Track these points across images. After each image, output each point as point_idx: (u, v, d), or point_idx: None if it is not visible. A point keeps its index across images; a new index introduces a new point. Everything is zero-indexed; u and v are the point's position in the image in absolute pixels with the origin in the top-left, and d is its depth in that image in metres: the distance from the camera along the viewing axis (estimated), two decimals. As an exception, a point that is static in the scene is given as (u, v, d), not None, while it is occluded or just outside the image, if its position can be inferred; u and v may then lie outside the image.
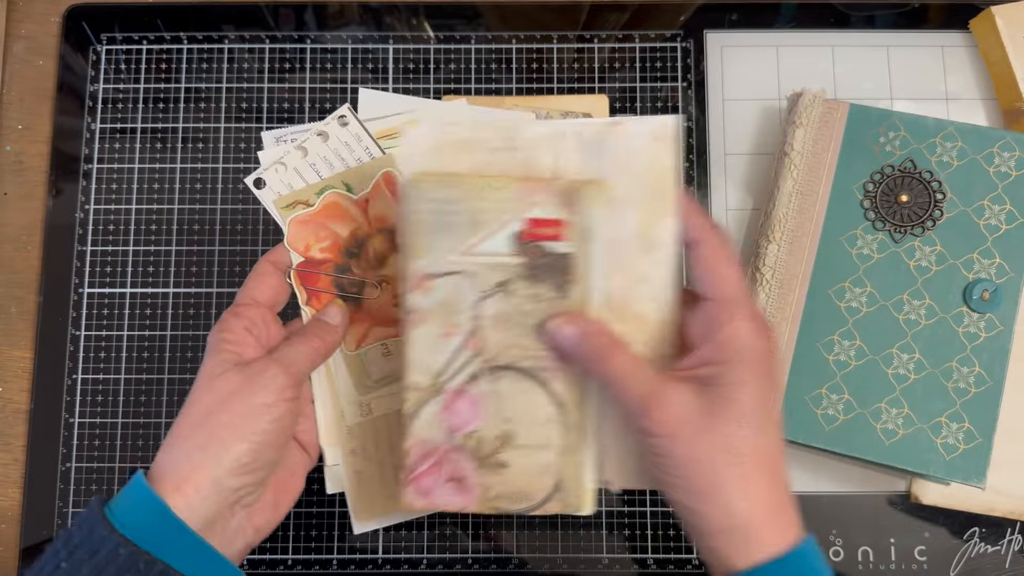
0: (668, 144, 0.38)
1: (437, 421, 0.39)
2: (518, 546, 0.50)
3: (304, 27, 0.56)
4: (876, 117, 0.50)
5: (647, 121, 0.38)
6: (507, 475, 0.39)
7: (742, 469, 0.34)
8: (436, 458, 0.39)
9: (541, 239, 0.38)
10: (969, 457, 0.47)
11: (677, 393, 0.35)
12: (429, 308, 0.39)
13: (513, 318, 0.38)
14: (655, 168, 0.38)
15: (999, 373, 0.48)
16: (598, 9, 0.56)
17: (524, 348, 0.38)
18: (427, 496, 0.39)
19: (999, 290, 0.48)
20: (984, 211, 0.49)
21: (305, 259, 0.43)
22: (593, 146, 0.38)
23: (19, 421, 0.52)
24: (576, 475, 0.39)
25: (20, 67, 0.56)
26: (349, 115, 0.43)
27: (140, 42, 0.56)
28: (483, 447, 0.39)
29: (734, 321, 0.35)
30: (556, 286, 0.38)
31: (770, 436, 0.35)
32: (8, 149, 0.55)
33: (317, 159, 0.43)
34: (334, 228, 0.43)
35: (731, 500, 0.34)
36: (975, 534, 0.50)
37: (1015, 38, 0.52)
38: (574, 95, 0.54)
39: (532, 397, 0.39)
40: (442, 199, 0.38)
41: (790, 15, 0.56)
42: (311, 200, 0.43)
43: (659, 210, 0.38)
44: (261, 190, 0.44)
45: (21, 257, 0.54)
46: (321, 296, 0.43)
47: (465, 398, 0.39)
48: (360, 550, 0.50)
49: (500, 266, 0.38)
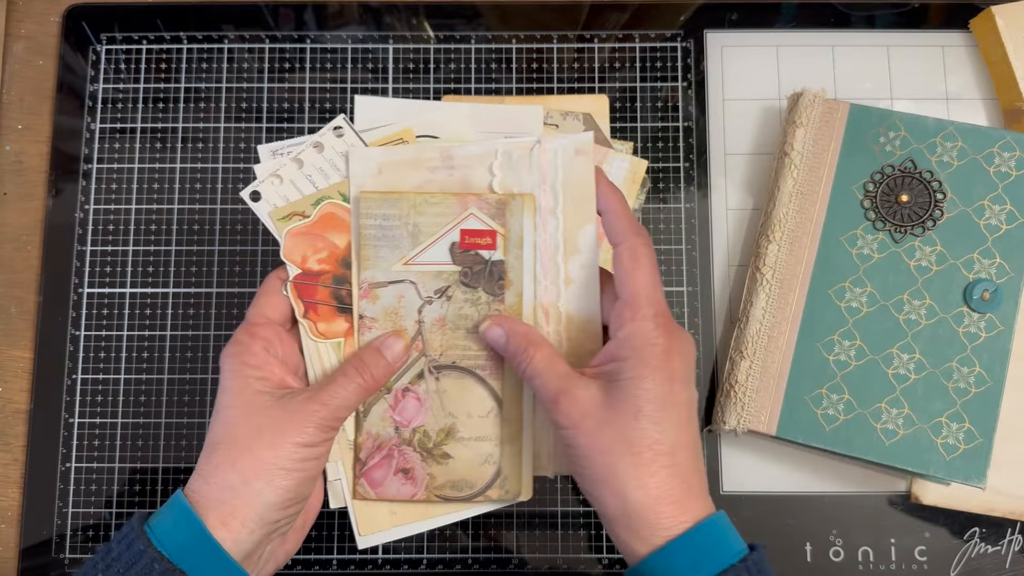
0: (588, 158, 0.42)
1: (387, 418, 0.43)
2: (518, 546, 0.50)
3: (304, 27, 0.56)
4: (876, 117, 0.50)
5: (568, 138, 0.42)
6: (451, 465, 0.43)
7: (637, 459, 0.35)
8: (386, 452, 0.42)
9: (476, 248, 0.42)
10: (969, 457, 0.47)
11: (583, 388, 0.37)
12: (376, 314, 0.42)
13: (453, 321, 0.42)
14: (577, 180, 0.42)
15: (999, 373, 0.48)
16: (598, 9, 0.56)
17: (464, 348, 0.42)
18: (378, 487, 0.42)
19: (999, 290, 0.48)
20: (984, 211, 0.49)
21: (302, 271, 0.43)
22: (522, 162, 0.42)
23: (19, 421, 0.52)
24: (515, 463, 0.43)
25: (20, 67, 0.56)
26: (345, 125, 0.44)
27: (140, 42, 0.56)
28: (428, 440, 0.43)
29: (635, 320, 0.37)
30: (491, 291, 0.42)
31: (671, 429, 0.36)
32: (8, 149, 0.55)
33: (313, 170, 0.43)
34: (331, 239, 0.43)
35: (625, 488, 0.35)
36: (975, 534, 0.50)
37: (1015, 38, 0.52)
38: (574, 95, 0.54)
39: (473, 393, 0.42)
40: (385, 215, 0.42)
41: (790, 15, 0.56)
42: (307, 211, 0.43)
43: (582, 218, 0.42)
44: (257, 203, 0.44)
45: (21, 257, 0.54)
46: (319, 308, 0.43)
47: (411, 396, 0.43)
48: (360, 550, 0.50)
49: (440, 274, 0.42)
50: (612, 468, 0.36)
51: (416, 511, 0.43)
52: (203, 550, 0.36)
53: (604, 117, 0.53)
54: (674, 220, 0.53)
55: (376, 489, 0.43)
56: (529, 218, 0.42)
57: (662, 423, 0.36)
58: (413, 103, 0.47)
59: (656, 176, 0.54)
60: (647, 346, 0.37)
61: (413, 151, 0.43)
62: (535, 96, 0.54)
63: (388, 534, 0.43)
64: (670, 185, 0.54)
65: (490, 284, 0.42)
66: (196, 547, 0.36)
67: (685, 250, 0.53)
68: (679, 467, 0.36)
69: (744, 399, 0.48)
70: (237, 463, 0.37)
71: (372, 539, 0.43)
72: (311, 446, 0.38)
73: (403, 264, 0.42)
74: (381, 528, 0.43)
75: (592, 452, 0.36)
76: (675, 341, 0.37)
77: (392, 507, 0.43)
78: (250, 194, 0.44)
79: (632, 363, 0.37)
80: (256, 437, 0.38)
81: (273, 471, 0.37)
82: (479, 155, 0.43)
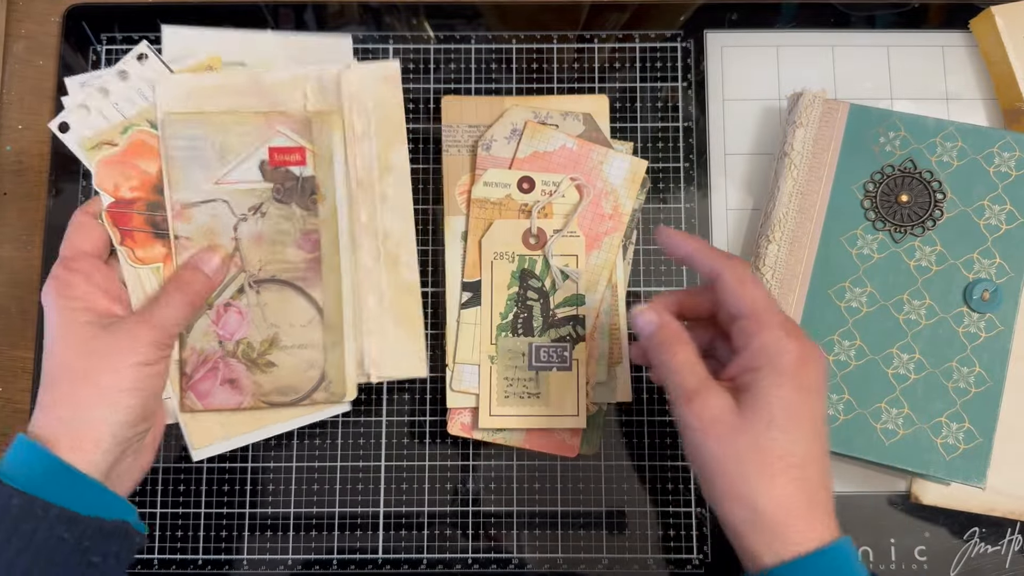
0: (395, 84, 0.46)
1: (210, 332, 0.45)
2: (518, 546, 0.50)
3: (304, 27, 0.56)
4: (876, 117, 0.50)
5: (375, 64, 0.46)
6: (276, 373, 0.45)
7: (769, 469, 0.35)
8: (211, 365, 0.45)
9: (286, 164, 0.44)
10: (969, 457, 0.47)
11: (718, 393, 0.37)
12: (191, 234, 0.44)
13: (271, 236, 0.45)
14: (386, 103, 0.46)
15: (999, 373, 0.48)
16: (598, 9, 0.56)
17: (283, 262, 0.45)
18: (205, 399, 0.45)
19: (999, 290, 0.48)
20: (984, 211, 0.49)
21: (116, 199, 0.44)
22: (331, 87, 0.45)
23: (19, 421, 0.52)
24: (338, 367, 0.46)
25: (20, 67, 0.56)
26: (148, 51, 0.45)
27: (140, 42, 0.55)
28: (252, 351, 0.45)
29: (763, 331, 0.37)
30: (304, 206, 0.45)
31: (802, 441, 0.36)
32: (8, 149, 0.55)
33: (120, 99, 0.44)
34: (142, 166, 0.44)
35: (756, 498, 0.35)
36: (975, 534, 0.50)
37: (1015, 38, 0.52)
38: (574, 95, 0.54)
39: (293, 304, 0.45)
40: (192, 135, 0.44)
41: (790, 15, 0.56)
42: (116, 140, 0.44)
43: (392, 139, 0.46)
44: (66, 134, 0.44)
45: (21, 257, 0.54)
46: (135, 235, 0.44)
47: (233, 310, 0.45)
48: (360, 550, 0.50)
49: (252, 192, 0.45)
50: (742, 476, 0.36)
51: (246, 421, 0.46)
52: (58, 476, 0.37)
53: (604, 117, 0.53)
54: (674, 220, 0.53)
55: (203, 400, 0.45)
56: (338, 135, 0.45)
57: (793, 433, 0.36)
58: (221, 31, 0.48)
59: (656, 176, 0.54)
60: (780, 354, 0.37)
61: (221, 77, 0.45)
62: (534, 96, 0.54)
63: (221, 445, 0.46)
64: (670, 185, 0.54)
65: (303, 199, 0.45)
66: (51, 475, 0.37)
67: (685, 250, 0.53)
68: (809, 480, 0.36)
69: (744, 399, 0.48)
70: (79, 392, 0.39)
71: (206, 451, 0.46)
72: (148, 364, 0.41)
73: (214, 184, 0.44)
74: (214, 440, 0.46)
75: (722, 458, 0.36)
76: (807, 350, 0.37)
77: (222, 419, 0.46)
78: (58, 125, 0.44)
79: (765, 372, 0.37)
80: (93, 365, 0.39)
81: (116, 394, 0.39)
82: (288, 81, 0.45)
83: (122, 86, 0.44)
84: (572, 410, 0.49)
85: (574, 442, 0.50)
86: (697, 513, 0.51)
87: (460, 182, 0.53)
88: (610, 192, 0.52)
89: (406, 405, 0.52)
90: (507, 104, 0.53)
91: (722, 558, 0.50)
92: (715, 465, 0.36)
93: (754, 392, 0.37)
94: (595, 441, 0.50)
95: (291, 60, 0.47)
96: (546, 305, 0.50)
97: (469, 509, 0.51)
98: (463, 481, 0.51)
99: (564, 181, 0.51)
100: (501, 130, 0.52)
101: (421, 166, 0.54)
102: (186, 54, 0.46)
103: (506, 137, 0.52)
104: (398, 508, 0.51)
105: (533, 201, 0.51)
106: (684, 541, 0.50)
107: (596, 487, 0.51)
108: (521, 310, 0.50)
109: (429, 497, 0.51)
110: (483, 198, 0.51)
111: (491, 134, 0.52)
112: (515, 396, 0.49)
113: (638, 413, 0.51)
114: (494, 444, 0.51)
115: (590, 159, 0.52)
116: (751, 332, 0.38)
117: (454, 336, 0.50)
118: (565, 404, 0.49)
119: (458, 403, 0.50)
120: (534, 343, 0.50)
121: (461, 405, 0.50)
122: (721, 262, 0.39)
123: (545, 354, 0.50)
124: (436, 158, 0.54)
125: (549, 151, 0.52)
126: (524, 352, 0.50)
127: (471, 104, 0.54)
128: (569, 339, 0.50)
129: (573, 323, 0.50)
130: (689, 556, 0.50)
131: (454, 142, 0.53)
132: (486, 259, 0.51)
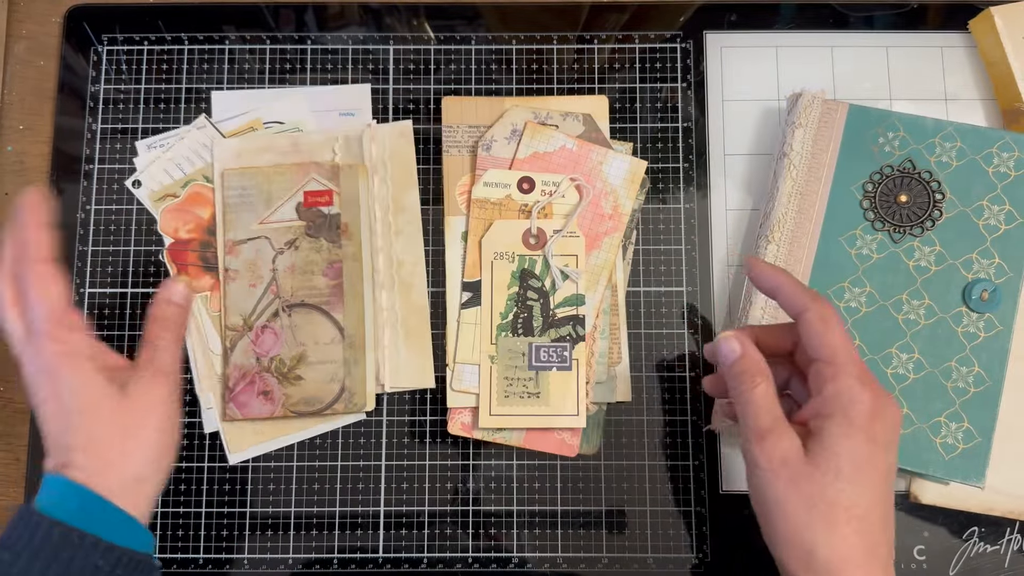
0: (408, 138, 0.53)
1: (249, 351, 0.51)
2: (518, 546, 0.50)
3: (304, 28, 0.56)
4: (875, 117, 0.50)
5: (392, 125, 0.53)
6: (303, 385, 0.50)
7: (830, 518, 0.36)
8: (249, 379, 0.50)
9: (317, 205, 0.51)
10: (968, 457, 0.47)
11: (790, 436, 0.37)
12: (239, 266, 0.51)
13: (302, 267, 0.51)
14: (400, 155, 0.53)
15: (998, 373, 0.48)
16: (598, 10, 0.56)
17: (311, 288, 0.51)
18: (244, 409, 0.50)
19: (998, 290, 0.48)
20: (983, 211, 0.49)
21: (175, 240, 0.53)
22: (355, 143, 0.53)
23: (20, 420, 0.52)
24: (357, 381, 0.51)
25: (21, 67, 0.56)
26: (205, 121, 0.54)
27: (141, 43, 0.56)
28: (283, 366, 0.51)
29: (838, 378, 0.37)
30: (331, 239, 0.51)
31: (867, 493, 0.36)
32: (9, 149, 0.55)
33: (181, 159, 0.53)
34: (197, 212, 0.53)
35: (815, 545, 0.36)
36: (974, 534, 0.50)
37: (1014, 38, 0.52)
38: (574, 96, 0.54)
39: (319, 325, 0.51)
40: (244, 186, 0.52)
41: (789, 16, 0.56)
42: (177, 192, 0.53)
43: (405, 184, 0.53)
44: (138, 189, 0.53)
45: (22, 257, 0.54)
46: (189, 269, 0.52)
47: (269, 332, 0.51)
48: (360, 549, 0.50)
49: (289, 229, 0.52)
50: (803, 522, 0.36)
51: (276, 428, 0.51)
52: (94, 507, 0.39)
53: (604, 118, 0.53)
54: (674, 220, 0.54)
55: (243, 410, 0.50)
56: (363, 182, 0.52)
57: (859, 484, 0.36)
58: (259, 92, 0.55)
59: (656, 177, 0.54)
60: (852, 404, 0.37)
61: (266, 139, 0.53)
62: (535, 97, 0.54)
63: (255, 449, 0.51)
64: (670, 186, 0.54)
65: (330, 233, 0.51)
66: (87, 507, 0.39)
67: (685, 250, 0.53)
68: (870, 532, 0.36)
69: (743, 399, 0.48)
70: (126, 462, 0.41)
71: (241, 455, 0.51)
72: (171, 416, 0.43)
73: (259, 224, 0.51)
74: (249, 445, 0.51)
75: (784, 502, 0.36)
76: (880, 402, 0.37)
77: (256, 427, 0.51)
78: (132, 183, 0.53)
79: (837, 421, 0.37)
80: (128, 438, 0.41)
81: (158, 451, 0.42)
82: (320, 140, 0.53)
83: (184, 148, 0.53)
84: (572, 410, 0.49)
85: (574, 442, 0.50)
86: (697, 512, 0.51)
87: (460, 182, 0.53)
88: (610, 192, 0.52)
89: (406, 405, 0.52)
90: (507, 104, 0.53)
91: (722, 558, 0.50)
92: (778, 509, 0.37)
93: (823, 439, 0.37)
94: (595, 441, 0.51)
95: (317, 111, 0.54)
96: (546, 305, 0.51)
97: (469, 509, 0.51)
98: (463, 481, 0.51)
99: (564, 181, 0.51)
100: (501, 130, 0.53)
101: (421, 166, 0.54)
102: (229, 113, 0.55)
103: (506, 137, 0.52)
104: (398, 508, 0.51)
105: (533, 201, 0.51)
106: (684, 541, 0.50)
107: (596, 487, 0.51)
108: (521, 310, 0.51)
109: (429, 497, 0.51)
110: (483, 198, 0.51)
111: (491, 135, 0.52)
112: (515, 396, 0.50)
113: (638, 413, 0.52)
114: (494, 444, 0.51)
115: (590, 159, 0.52)
116: (827, 377, 0.37)
117: (454, 336, 0.51)
118: (565, 404, 0.50)
119: (458, 403, 0.50)
120: (534, 343, 0.50)
121: (461, 405, 0.50)
122: (807, 300, 0.39)
123: (545, 354, 0.50)
124: (436, 159, 0.54)
125: (549, 151, 0.52)
126: (524, 352, 0.50)
127: (471, 104, 0.54)
128: (569, 339, 0.50)
129: (573, 323, 0.50)
130: (689, 556, 0.50)
131: (454, 143, 0.53)
132: (486, 259, 0.51)
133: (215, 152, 0.53)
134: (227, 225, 0.52)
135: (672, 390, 0.52)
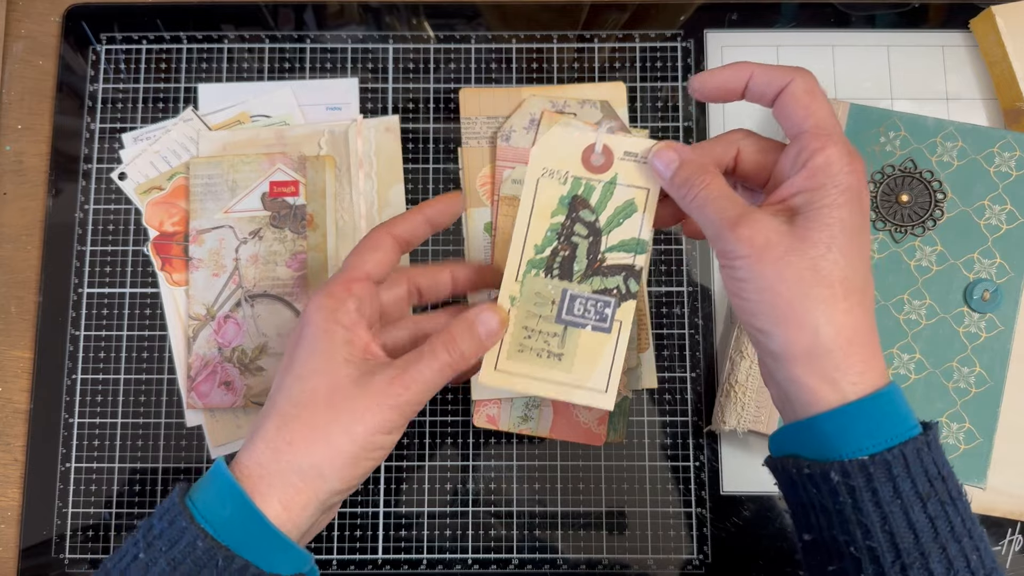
0: (394, 134, 0.53)
1: (211, 341, 0.51)
2: (518, 546, 0.50)
3: (304, 27, 0.56)
4: (876, 117, 0.50)
5: (378, 119, 0.53)
6: (264, 376, 0.50)
7: (830, 292, 0.33)
8: (211, 369, 0.50)
9: (283, 196, 0.51)
10: (969, 457, 0.47)
11: (766, 218, 0.34)
12: (203, 255, 0.51)
13: (265, 256, 0.51)
14: (386, 149, 0.53)
15: (1000, 373, 0.48)
16: (598, 9, 0.56)
17: (274, 279, 0.51)
18: (205, 398, 0.50)
19: (999, 290, 0.48)
20: (984, 211, 0.49)
21: (160, 233, 0.53)
22: (342, 137, 0.53)
23: (19, 421, 0.52)
24: None
25: (20, 67, 0.56)
26: (191, 114, 0.54)
27: (140, 42, 0.56)
28: (245, 357, 0.51)
29: (828, 147, 0.34)
30: (296, 230, 0.51)
31: (860, 265, 0.34)
32: (8, 149, 0.55)
33: (167, 152, 0.53)
34: (182, 205, 0.53)
35: (817, 322, 0.32)
36: (975, 534, 0.50)
37: (1015, 38, 0.52)
38: (592, 83, 0.54)
39: (281, 315, 0.51)
40: (209, 174, 0.52)
41: (790, 15, 0.56)
42: (163, 185, 0.53)
43: (391, 179, 0.53)
44: (124, 182, 0.53)
45: (21, 257, 0.54)
46: (173, 262, 0.52)
47: (231, 321, 0.51)
48: (360, 550, 0.50)
49: (253, 219, 0.51)
50: (801, 301, 0.33)
51: None
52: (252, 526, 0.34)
53: (622, 104, 0.53)
54: (674, 220, 0.53)
55: (203, 400, 0.50)
56: (330, 174, 0.52)
57: (852, 256, 0.33)
58: (247, 86, 0.55)
59: (656, 176, 0.54)
60: (843, 173, 0.34)
61: (251, 132, 0.53)
62: (548, 86, 0.54)
63: (238, 444, 0.50)
64: (670, 185, 0.54)
65: (295, 224, 0.51)
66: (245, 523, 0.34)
67: (685, 250, 0.53)
68: (867, 309, 0.33)
69: (744, 399, 0.48)
70: (312, 447, 0.35)
71: (222, 449, 0.51)
72: (387, 433, 0.36)
73: (223, 213, 0.52)
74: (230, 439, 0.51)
75: (777, 283, 0.33)
76: (863, 172, 0.34)
77: (238, 420, 0.51)
78: (118, 175, 0.53)
79: (828, 191, 0.33)
80: (335, 420, 0.35)
81: (346, 459, 0.35)
82: (307, 134, 0.53)
83: (170, 141, 0.53)
84: (600, 384, 0.39)
85: (601, 430, 0.48)
86: (697, 513, 0.51)
87: (481, 174, 0.52)
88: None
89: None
90: (524, 94, 0.53)
91: (722, 558, 0.50)
92: (771, 291, 0.33)
93: (811, 213, 0.33)
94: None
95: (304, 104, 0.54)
96: (595, 245, 0.40)
97: (469, 509, 0.51)
98: (463, 481, 0.51)
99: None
100: (519, 120, 0.52)
101: (422, 165, 0.54)
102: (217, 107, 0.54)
103: (524, 127, 0.52)
104: (398, 508, 0.51)
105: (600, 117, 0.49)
106: (684, 541, 0.50)
107: (596, 487, 0.51)
108: (563, 245, 0.40)
109: (429, 497, 0.51)
110: (512, 195, 0.51)
111: (510, 125, 0.52)
112: (531, 352, 0.39)
113: (638, 413, 0.51)
114: (495, 443, 0.51)
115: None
116: (813, 149, 0.34)
117: None
118: (592, 375, 0.39)
119: (484, 394, 0.49)
120: (570, 290, 0.40)
121: (487, 396, 0.49)
122: (790, 72, 0.36)
123: (581, 306, 0.40)
124: (436, 157, 0.54)
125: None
126: (555, 299, 0.39)
127: (488, 96, 0.53)
128: (616, 294, 0.39)
129: (625, 275, 0.39)
130: (689, 556, 0.50)
131: (473, 134, 0.53)
132: (532, 174, 0.40)
133: (200, 145, 0.53)
134: (192, 214, 0.52)
135: (672, 390, 0.52)
